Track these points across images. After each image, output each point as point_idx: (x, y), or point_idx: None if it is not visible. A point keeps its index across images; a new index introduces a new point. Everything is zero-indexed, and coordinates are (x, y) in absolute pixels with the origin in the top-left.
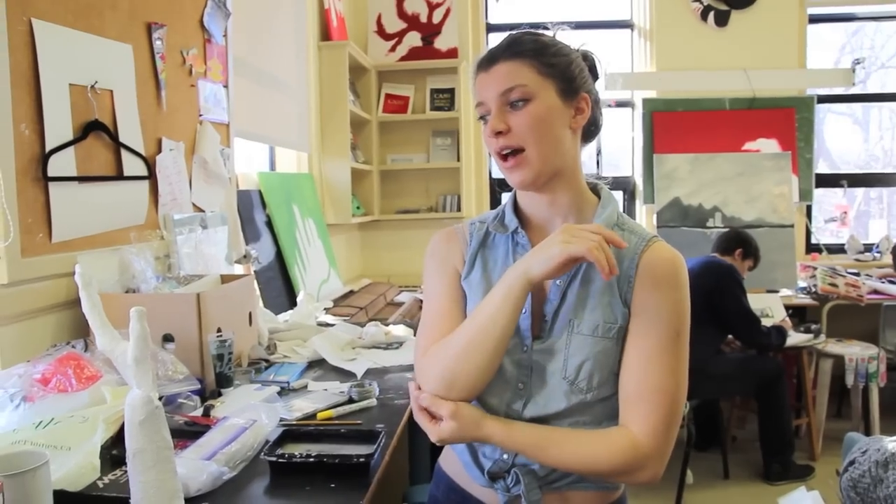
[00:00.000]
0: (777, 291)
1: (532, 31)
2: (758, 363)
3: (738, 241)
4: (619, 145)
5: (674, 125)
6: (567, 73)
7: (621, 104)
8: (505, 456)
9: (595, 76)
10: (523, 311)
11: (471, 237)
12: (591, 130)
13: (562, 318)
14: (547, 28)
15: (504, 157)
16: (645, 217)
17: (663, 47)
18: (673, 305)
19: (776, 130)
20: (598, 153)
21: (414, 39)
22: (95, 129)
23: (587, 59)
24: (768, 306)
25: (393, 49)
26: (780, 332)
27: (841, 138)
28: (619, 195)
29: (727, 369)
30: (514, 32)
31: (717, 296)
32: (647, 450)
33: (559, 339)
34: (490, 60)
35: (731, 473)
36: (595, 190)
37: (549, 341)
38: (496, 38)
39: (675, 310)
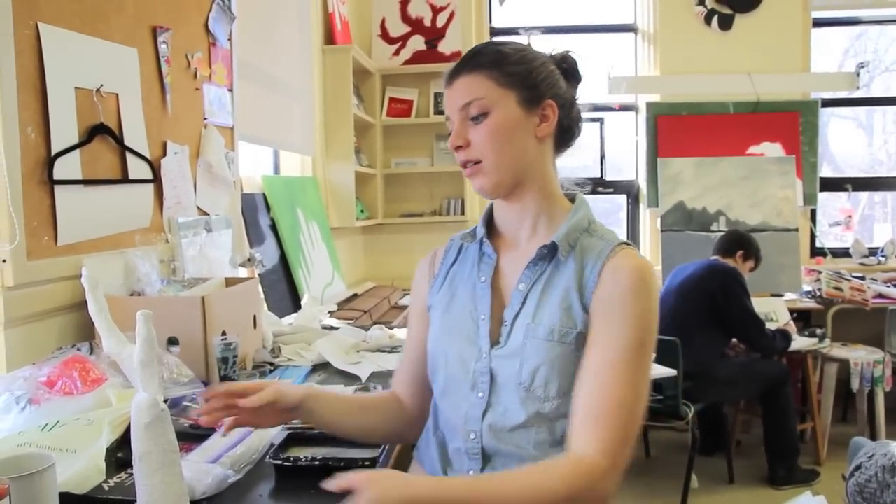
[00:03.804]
0: (781, 295)
1: (496, 41)
2: (762, 367)
3: (739, 242)
4: (623, 149)
5: (678, 129)
6: (528, 81)
7: (625, 108)
8: (470, 472)
9: (576, 79)
10: (482, 317)
11: (446, 254)
12: (564, 137)
13: (520, 322)
14: (518, 34)
15: (464, 165)
16: (649, 221)
17: (667, 51)
18: (635, 315)
19: (780, 134)
20: (602, 157)
21: (418, 43)
22: (101, 133)
23: (566, 61)
24: (773, 310)
25: (397, 53)
26: (784, 335)
27: (845, 142)
28: (622, 199)
29: (732, 373)
30: (477, 45)
31: (720, 299)
32: (602, 470)
33: (516, 344)
34: (452, 75)
35: (736, 478)
36: (573, 199)
37: (507, 346)
38: None
39: (638, 320)
